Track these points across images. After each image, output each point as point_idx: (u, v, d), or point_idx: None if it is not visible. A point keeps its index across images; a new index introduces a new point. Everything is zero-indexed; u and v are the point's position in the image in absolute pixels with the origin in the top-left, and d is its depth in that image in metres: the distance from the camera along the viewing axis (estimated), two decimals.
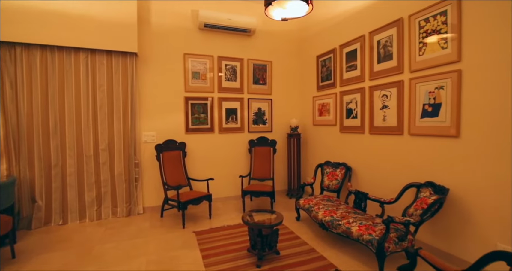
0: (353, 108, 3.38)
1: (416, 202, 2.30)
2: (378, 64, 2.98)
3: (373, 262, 2.26)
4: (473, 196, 2.13)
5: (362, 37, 3.20)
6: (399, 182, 2.71)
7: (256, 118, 4.43)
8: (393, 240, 2.09)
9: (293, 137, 4.31)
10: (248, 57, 4.32)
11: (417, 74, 2.54)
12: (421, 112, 2.49)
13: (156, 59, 3.77)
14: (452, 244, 2.30)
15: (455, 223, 2.27)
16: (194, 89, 3.99)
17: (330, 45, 3.80)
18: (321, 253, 2.47)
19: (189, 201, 3.16)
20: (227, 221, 3.32)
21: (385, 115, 2.90)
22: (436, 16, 2.35)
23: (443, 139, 2.33)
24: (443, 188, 2.21)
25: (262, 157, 4.13)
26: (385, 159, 2.93)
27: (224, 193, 4.22)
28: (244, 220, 2.37)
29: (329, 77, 3.84)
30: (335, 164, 3.52)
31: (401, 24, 2.68)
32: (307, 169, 4.48)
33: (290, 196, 4.34)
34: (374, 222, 2.35)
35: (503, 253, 1.15)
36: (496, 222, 1.99)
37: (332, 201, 3.02)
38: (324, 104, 3.99)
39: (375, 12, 3.02)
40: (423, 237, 2.52)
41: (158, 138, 3.77)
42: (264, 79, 4.46)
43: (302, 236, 2.86)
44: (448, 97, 2.27)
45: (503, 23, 1.92)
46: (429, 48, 2.42)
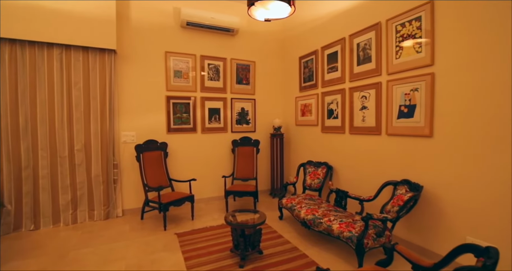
0: (334, 109, 3.46)
1: (393, 199, 2.39)
2: (358, 66, 3.07)
3: (353, 258, 2.33)
4: (445, 192, 2.25)
5: (342, 40, 3.29)
6: (377, 180, 2.82)
7: (239, 118, 4.42)
8: (371, 236, 2.17)
9: (276, 136, 4.35)
10: (232, 57, 4.31)
11: (394, 77, 2.65)
12: (398, 113, 2.60)
13: (136, 57, 3.66)
14: (426, 239, 2.42)
15: (428, 219, 2.38)
16: (176, 88, 3.92)
17: (312, 46, 3.87)
18: (304, 251, 2.51)
19: (170, 203, 3.10)
20: (210, 222, 3.29)
21: (364, 116, 3.00)
22: (411, 22, 2.47)
23: (418, 138, 2.45)
24: (418, 185, 2.32)
25: (245, 157, 4.13)
26: (364, 158, 3.02)
27: (207, 194, 4.18)
28: (227, 221, 2.36)
29: (311, 78, 3.91)
30: (317, 163, 3.59)
31: (379, 28, 2.78)
32: (290, 168, 4.54)
33: (273, 196, 4.38)
34: (354, 219, 2.42)
35: (471, 245, 1.23)
36: (465, 217, 2.12)
37: (314, 200, 3.08)
38: (306, 104, 4.05)
39: (355, 16, 3.11)
40: (399, 233, 2.63)
41: (138, 138, 3.66)
42: (247, 79, 4.46)
43: (285, 235, 2.89)
44: (422, 99, 2.38)
45: (470, 30, 2.04)
46: (405, 52, 2.53)
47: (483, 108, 1.99)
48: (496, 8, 1.90)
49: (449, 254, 1.31)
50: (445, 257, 1.32)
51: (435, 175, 2.31)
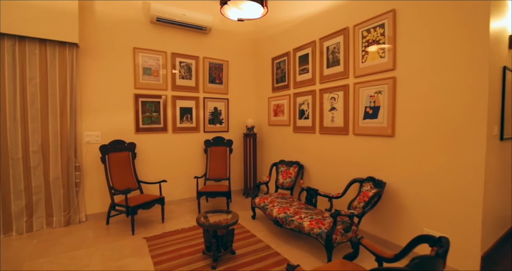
0: (305, 109, 3.56)
1: (359, 196, 2.52)
2: (327, 69, 3.19)
3: (323, 254, 2.42)
4: (405, 188, 2.43)
5: (313, 43, 3.39)
6: (345, 177, 2.95)
7: (212, 118, 4.36)
8: (340, 231, 2.27)
9: (249, 136, 4.36)
10: (204, 56, 4.24)
11: (360, 80, 2.79)
12: (364, 114, 2.75)
13: (102, 52, 3.45)
14: (389, 231, 2.58)
15: (391, 213, 2.55)
16: (145, 86, 3.76)
17: (285, 48, 3.94)
18: (276, 249, 2.54)
19: (139, 205, 2.97)
20: (181, 224, 3.20)
21: (333, 117, 3.12)
22: (376, 28, 2.62)
23: (382, 138, 2.61)
24: (381, 182, 2.47)
25: (218, 157, 4.09)
26: (334, 157, 3.15)
27: (178, 195, 4.07)
28: (199, 222, 2.32)
29: (284, 79, 3.98)
30: (289, 163, 3.67)
31: (347, 33, 2.92)
32: (263, 168, 4.58)
33: (246, 195, 4.39)
34: (324, 216, 2.51)
35: (426, 236, 1.33)
36: (423, 210, 2.30)
37: (286, 198, 3.14)
38: (279, 105, 4.12)
39: (325, 20, 3.22)
40: (365, 227, 2.78)
41: (104, 138, 3.45)
42: (220, 78, 4.42)
43: (258, 233, 2.91)
44: (385, 101, 2.54)
45: (426, 38, 2.22)
46: (370, 56, 2.68)
47: (436, 110, 2.17)
48: (449, 18, 2.09)
49: (408, 245, 1.41)
50: (404, 248, 1.43)
51: (397, 172, 2.48)
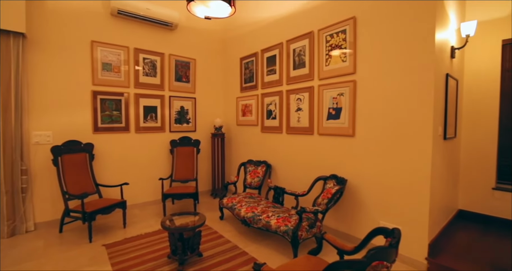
0: (272, 109, 3.63)
1: (323, 193, 2.64)
2: (294, 71, 3.28)
3: (290, 250, 2.48)
4: (364, 184, 2.60)
5: (280, 45, 3.46)
6: (310, 176, 3.06)
7: (178, 117, 4.23)
8: (305, 228, 2.35)
9: (217, 136, 4.32)
10: (170, 52, 4.09)
11: (324, 82, 2.92)
12: (327, 115, 2.88)
13: (54, 44, 3.14)
14: (350, 225, 2.74)
15: (352, 208, 2.71)
16: (105, 82, 3.52)
17: (253, 48, 3.97)
18: (244, 249, 2.55)
19: (97, 211, 2.77)
20: (145, 229, 3.06)
21: (299, 117, 3.23)
22: (338, 33, 2.76)
23: (344, 137, 2.75)
24: (343, 179, 2.61)
25: (185, 158, 3.98)
26: (300, 156, 3.25)
27: (142, 198, 3.88)
28: (164, 225, 2.23)
29: (252, 80, 4.01)
30: (257, 162, 3.70)
31: (312, 37, 3.03)
32: (231, 168, 4.56)
33: (214, 196, 4.33)
34: (290, 214, 2.58)
35: (382, 229, 1.44)
36: (379, 204, 2.48)
37: (254, 198, 3.17)
38: (247, 105, 4.14)
39: (292, 23, 3.31)
40: (329, 222, 2.92)
41: (56, 139, 3.15)
42: (187, 77, 4.31)
43: (226, 234, 2.90)
44: (347, 102, 2.69)
45: (382, 46, 2.40)
46: (333, 60, 2.82)
47: (391, 112, 2.36)
48: (402, 29, 2.28)
49: (366, 237, 1.51)
50: (362, 240, 1.53)
51: (357, 169, 2.65)
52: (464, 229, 2.82)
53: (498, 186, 2.92)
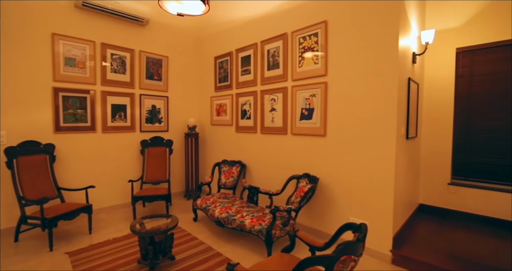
0: (247, 109, 3.63)
1: (296, 191, 2.70)
2: (268, 71, 3.32)
3: (264, 249, 2.51)
4: (335, 182, 2.70)
5: (255, 45, 3.48)
6: (284, 175, 3.12)
7: (150, 116, 4.07)
8: (279, 226, 2.39)
9: (191, 136, 4.23)
10: (141, 49, 3.93)
11: (297, 83, 2.99)
12: (300, 115, 2.96)
13: (8, 35, 2.86)
14: (322, 222, 2.83)
15: (323, 205, 2.81)
16: (68, 78, 3.28)
17: (227, 48, 3.94)
18: (218, 250, 2.53)
19: (59, 216, 2.58)
20: (113, 234, 2.91)
21: (273, 117, 3.27)
22: (311, 36, 2.84)
23: (316, 137, 2.84)
24: (315, 177, 2.69)
25: (156, 158, 3.84)
26: (274, 156, 3.30)
27: (110, 202, 3.68)
28: (133, 229, 2.14)
29: (226, 79, 3.98)
30: (231, 162, 3.69)
31: (286, 38, 3.09)
32: (205, 168, 4.50)
33: (187, 197, 4.24)
34: (264, 213, 2.61)
35: (350, 224, 1.51)
36: (349, 201, 2.60)
37: (228, 198, 3.15)
38: (221, 104, 4.10)
39: (266, 24, 3.34)
40: (302, 220, 2.99)
41: (10, 139, 2.88)
42: (159, 74, 4.16)
43: (199, 236, 2.85)
44: (318, 103, 2.78)
45: (351, 50, 2.52)
46: (306, 62, 2.90)
47: (359, 113, 2.48)
48: (369, 35, 2.40)
49: (335, 233, 1.57)
50: (332, 236, 1.59)
51: (328, 168, 2.74)
52: (424, 221, 3.05)
53: (453, 181, 3.19)
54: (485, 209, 2.95)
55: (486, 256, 2.25)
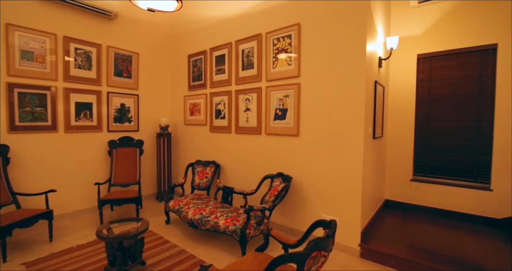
0: (221, 109, 3.60)
1: (270, 190, 2.74)
2: (243, 71, 3.32)
3: (238, 249, 2.50)
4: (307, 180, 2.77)
5: (230, 44, 3.46)
6: (258, 174, 3.14)
7: (119, 115, 3.88)
8: (253, 226, 2.40)
9: (163, 136, 4.09)
10: (109, 44, 3.72)
11: (271, 83, 3.02)
12: (274, 115, 3.00)
13: None
14: (295, 220, 2.90)
15: (296, 203, 2.87)
16: (25, 73, 3.01)
17: (201, 46, 3.88)
18: (191, 252, 2.48)
19: (14, 224, 2.36)
20: (77, 240, 2.72)
21: (247, 117, 3.28)
22: (284, 38, 2.89)
23: (289, 137, 2.90)
24: (289, 176, 2.74)
25: (126, 160, 3.67)
26: (248, 156, 3.31)
27: (74, 206, 3.44)
28: (100, 235, 2.02)
29: (200, 78, 3.91)
30: (205, 163, 3.63)
31: (260, 39, 3.11)
32: (178, 169, 4.38)
33: (160, 200, 4.10)
34: (238, 213, 2.60)
35: (321, 221, 1.56)
36: (320, 198, 2.68)
37: (202, 199, 3.10)
38: (195, 104, 4.02)
39: (241, 24, 3.34)
40: (276, 219, 3.04)
41: None
42: (129, 72, 3.98)
43: (172, 239, 2.77)
44: (292, 104, 2.84)
45: (322, 52, 2.60)
46: (280, 63, 2.94)
47: (330, 114, 2.58)
48: (340, 39, 2.50)
49: (307, 230, 1.62)
50: (304, 233, 1.63)
51: (301, 167, 2.81)
52: (389, 216, 3.24)
53: (415, 177, 3.44)
54: (443, 202, 3.21)
55: (444, 246, 2.46)
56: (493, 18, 2.84)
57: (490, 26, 2.86)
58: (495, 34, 2.85)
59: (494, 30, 2.85)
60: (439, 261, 2.16)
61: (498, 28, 2.83)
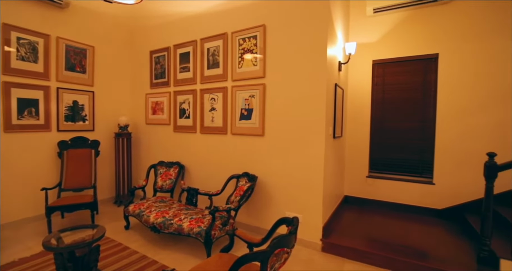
0: (186, 108, 3.50)
1: (236, 190, 2.73)
2: (208, 70, 3.26)
3: (203, 252, 2.45)
4: (272, 180, 2.83)
5: (194, 42, 3.38)
6: (224, 175, 3.11)
7: (71, 113, 3.55)
8: (218, 227, 2.37)
9: (122, 136, 3.85)
10: (59, 35, 3.38)
11: (237, 83, 3.02)
12: (240, 115, 3.00)
13: None
14: (261, 219, 2.93)
15: (262, 202, 2.91)
16: None
17: (165, 42, 3.73)
18: (153, 258, 2.37)
19: None
20: (20, 253, 2.43)
21: (213, 117, 3.23)
22: (250, 38, 2.91)
23: (255, 137, 2.92)
24: (254, 176, 2.77)
25: (79, 162, 3.37)
26: (214, 156, 3.26)
27: (16, 215, 3.06)
28: (46, 245, 1.83)
29: (163, 76, 3.76)
30: (169, 164, 3.50)
31: (226, 38, 3.09)
32: (140, 171, 4.16)
33: (118, 204, 3.84)
34: (203, 214, 2.56)
35: (284, 218, 1.60)
36: (285, 196, 2.76)
37: (165, 201, 2.98)
38: (158, 102, 3.85)
39: (207, 22, 3.28)
40: (241, 218, 3.04)
41: None
42: (83, 66, 3.66)
43: (132, 245, 2.62)
44: (257, 104, 2.87)
45: (286, 54, 2.68)
46: (245, 63, 2.95)
47: (294, 114, 2.66)
48: (303, 43, 2.59)
49: (271, 228, 1.65)
50: (268, 231, 1.66)
51: (266, 166, 2.86)
52: (348, 211, 3.45)
53: (370, 174, 3.71)
54: (395, 196, 3.51)
55: (396, 236, 2.69)
56: (436, 30, 3.19)
57: (433, 37, 3.20)
58: (437, 45, 3.19)
59: (436, 41, 3.19)
60: (392, 250, 2.35)
61: (439, 39, 3.17)
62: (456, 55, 3.09)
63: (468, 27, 3.01)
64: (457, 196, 3.13)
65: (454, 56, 3.10)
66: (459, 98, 3.10)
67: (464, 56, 3.05)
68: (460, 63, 3.08)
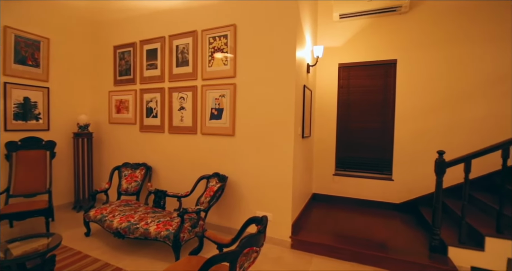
0: (153, 107, 3.37)
1: (206, 191, 2.69)
2: (177, 68, 3.17)
3: (172, 255, 2.38)
4: (243, 179, 2.83)
5: (162, 38, 3.26)
6: (194, 175, 3.05)
7: (21, 111, 3.22)
8: (187, 229, 2.32)
9: (82, 136, 3.58)
10: (7, 24, 3.05)
11: (207, 82, 2.97)
12: (210, 115, 2.96)
13: None
14: (232, 219, 2.92)
15: (232, 202, 2.90)
16: None
17: (131, 38, 3.54)
18: (116, 265, 2.24)
19: None
20: None
21: (182, 116, 3.15)
22: (221, 37, 2.88)
23: (225, 137, 2.90)
24: (224, 176, 2.75)
25: (31, 164, 3.07)
26: (183, 156, 3.18)
27: None
28: None
29: (129, 72, 3.57)
30: (134, 165, 3.33)
31: (196, 36, 3.02)
32: (102, 173, 3.90)
33: (78, 209, 3.57)
34: (172, 217, 2.48)
35: (254, 218, 1.61)
36: (255, 196, 2.77)
37: (131, 205, 2.84)
38: (122, 100, 3.65)
39: (176, 18, 3.18)
40: (212, 219, 3.00)
41: None
42: (36, 60, 3.34)
43: (93, 252, 2.45)
44: (228, 104, 2.85)
45: (256, 55, 2.70)
46: (216, 62, 2.92)
47: (264, 114, 2.69)
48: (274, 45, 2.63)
49: (241, 228, 1.65)
50: (238, 231, 1.66)
51: (237, 166, 2.85)
52: (316, 208, 3.58)
53: (336, 172, 3.88)
54: (359, 193, 3.71)
55: (361, 230, 2.84)
56: (395, 37, 3.43)
57: (392, 44, 3.45)
58: (395, 51, 3.44)
59: (395, 48, 3.44)
60: (357, 244, 2.48)
61: (398, 46, 3.42)
62: (412, 61, 3.36)
63: (423, 36, 3.29)
64: (413, 190, 3.40)
65: (410, 62, 3.37)
66: (414, 101, 3.37)
67: (419, 62, 3.33)
68: (415, 68, 3.35)
